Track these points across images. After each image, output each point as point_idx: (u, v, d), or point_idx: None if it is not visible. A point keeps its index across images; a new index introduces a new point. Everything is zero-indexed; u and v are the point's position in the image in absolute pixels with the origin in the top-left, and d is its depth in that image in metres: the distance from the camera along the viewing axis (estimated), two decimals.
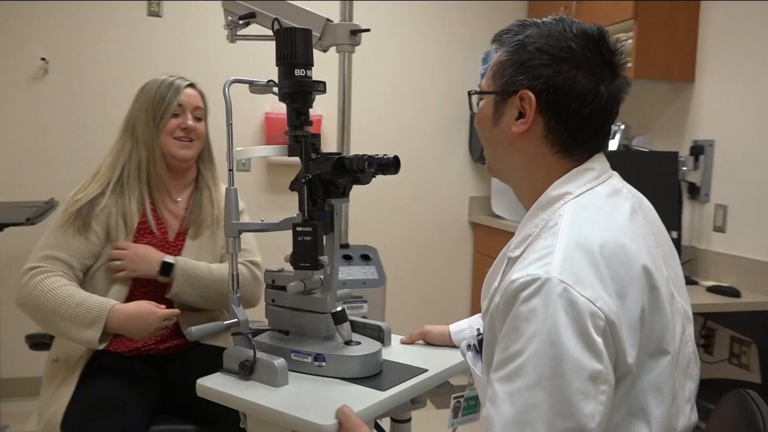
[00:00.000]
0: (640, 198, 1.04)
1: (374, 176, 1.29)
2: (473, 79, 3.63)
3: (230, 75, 1.43)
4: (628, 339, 0.86)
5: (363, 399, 1.15)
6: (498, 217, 3.51)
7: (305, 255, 1.23)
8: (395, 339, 1.48)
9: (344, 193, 1.30)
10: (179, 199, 1.76)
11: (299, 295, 1.32)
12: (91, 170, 1.75)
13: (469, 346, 1.32)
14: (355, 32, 2.01)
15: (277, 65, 1.28)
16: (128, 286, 1.64)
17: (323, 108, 3.35)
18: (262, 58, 2.17)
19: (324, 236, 1.29)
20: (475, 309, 3.66)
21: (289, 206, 3.38)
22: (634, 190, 1.04)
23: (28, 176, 3.09)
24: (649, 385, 0.90)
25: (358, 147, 2.60)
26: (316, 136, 1.31)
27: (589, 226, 0.92)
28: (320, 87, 1.29)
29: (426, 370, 1.28)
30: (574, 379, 0.82)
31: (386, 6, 3.44)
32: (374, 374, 1.26)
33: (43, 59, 3.06)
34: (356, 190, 2.46)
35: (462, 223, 3.74)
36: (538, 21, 1.00)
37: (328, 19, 1.99)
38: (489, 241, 3.54)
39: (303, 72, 1.26)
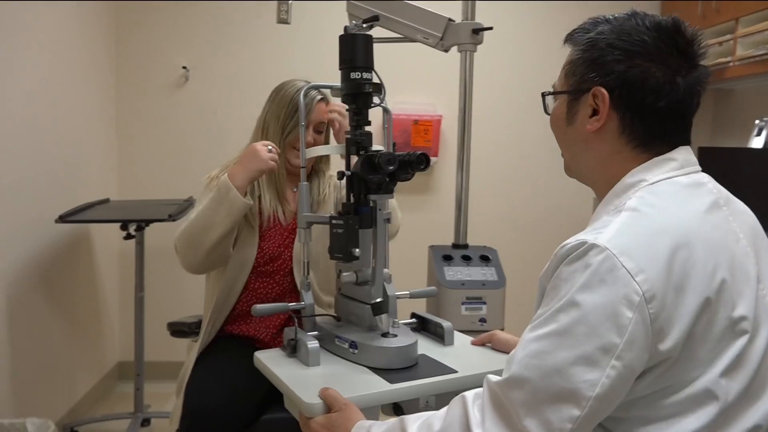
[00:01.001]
0: (731, 198, 0.99)
1: (410, 173, 1.31)
2: None
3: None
4: (674, 325, 0.83)
5: (368, 387, 1.19)
6: None
7: (338, 246, 1.30)
8: (464, 339, 1.49)
9: (385, 189, 1.33)
10: (296, 190, 1.84)
11: (353, 285, 1.38)
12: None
13: None
14: (477, 31, 2.00)
15: (339, 69, 1.34)
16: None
17: (444, 108, 3.36)
18: (384, 61, 2.21)
19: (366, 230, 1.34)
20: None
21: (408, 205, 3.42)
22: (725, 191, 0.99)
23: (170, 176, 3.34)
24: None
25: (478, 146, 2.58)
26: (367, 135, 1.36)
27: (657, 208, 0.90)
28: (376, 89, 1.34)
29: (456, 372, 1.27)
30: (583, 343, 0.82)
31: (509, 5, 3.38)
32: (404, 367, 1.28)
33: (183, 68, 3.31)
34: (475, 191, 2.44)
35: (585, 225, 3.60)
36: (611, 17, 0.98)
37: (450, 19, 1.99)
38: None
39: (359, 75, 1.32)
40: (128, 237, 2.64)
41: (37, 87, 2.46)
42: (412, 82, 3.35)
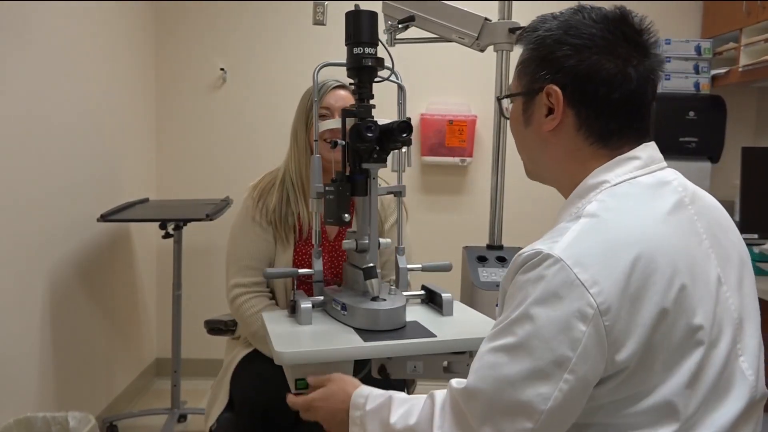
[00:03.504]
0: (698, 195, 0.97)
1: (400, 143, 1.34)
2: None
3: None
4: (630, 335, 0.81)
5: (342, 342, 1.27)
6: None
7: (329, 211, 1.37)
8: (469, 311, 1.55)
9: (378, 159, 1.37)
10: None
11: (354, 252, 1.44)
12: (264, 171, 1.86)
13: None
14: (514, 30, 1.98)
15: (345, 45, 1.38)
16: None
17: (478, 108, 3.33)
18: (419, 61, 2.20)
19: (359, 198, 1.40)
20: None
21: (442, 206, 3.41)
22: (692, 186, 0.97)
23: (208, 176, 3.39)
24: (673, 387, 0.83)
25: (513, 146, 2.56)
26: (366, 108, 1.39)
27: (616, 212, 0.88)
28: (377, 63, 1.36)
29: (434, 336, 1.31)
30: (537, 357, 0.81)
31: (546, 5, 3.33)
32: (390, 329, 1.33)
33: (221, 69, 3.35)
34: (510, 191, 2.41)
35: None
36: (557, 14, 0.97)
37: (486, 19, 1.98)
38: None
39: (361, 50, 1.36)
40: (167, 236, 2.68)
41: (78, 88, 2.53)
42: (447, 82, 3.34)
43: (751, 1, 2.86)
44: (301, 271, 1.50)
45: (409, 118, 1.40)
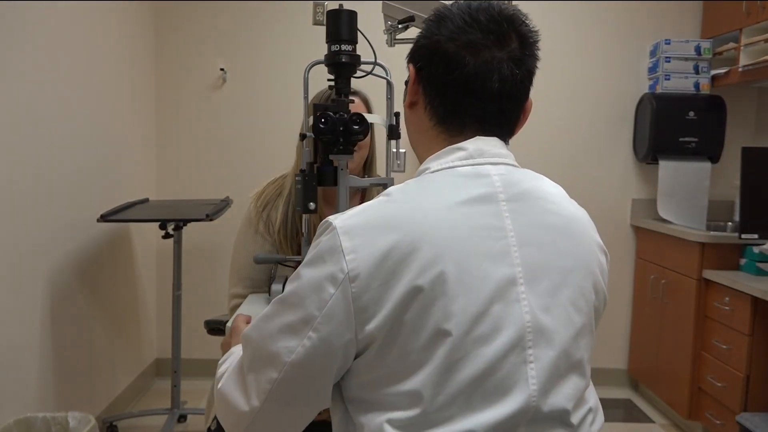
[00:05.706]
0: (533, 196, 0.95)
1: (356, 135, 1.34)
2: (639, 73, 3.41)
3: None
4: (381, 307, 0.83)
5: None
6: (664, 221, 3.27)
7: (297, 200, 1.41)
8: None
9: (344, 150, 1.38)
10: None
11: None
12: (266, 174, 1.82)
13: None
14: None
15: (326, 42, 1.40)
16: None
17: None
18: None
19: (328, 187, 1.41)
20: (635, 319, 3.44)
21: None
22: (532, 187, 0.96)
23: (208, 176, 3.40)
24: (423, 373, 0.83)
25: (516, 145, 2.56)
26: (341, 103, 1.41)
27: (406, 196, 0.91)
28: (353, 60, 1.38)
29: None
30: (292, 312, 0.88)
31: (542, 5, 3.34)
32: None
33: (221, 69, 3.35)
34: None
35: (623, 227, 3.54)
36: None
37: None
38: (653, 246, 3.31)
39: (338, 47, 1.38)
40: (167, 236, 2.68)
41: (78, 88, 2.53)
42: None
43: (751, 1, 2.87)
44: (289, 257, 1.54)
45: (398, 113, 1.42)
